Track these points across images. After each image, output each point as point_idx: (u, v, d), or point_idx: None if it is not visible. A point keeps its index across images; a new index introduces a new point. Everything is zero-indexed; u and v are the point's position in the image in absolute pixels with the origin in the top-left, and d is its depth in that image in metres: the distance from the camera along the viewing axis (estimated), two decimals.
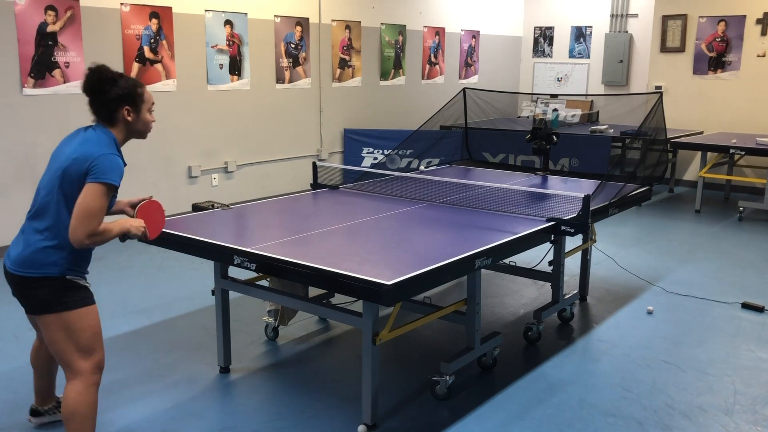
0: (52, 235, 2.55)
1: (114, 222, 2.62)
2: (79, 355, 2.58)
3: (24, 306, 2.65)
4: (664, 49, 9.20)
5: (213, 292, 3.63)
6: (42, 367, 3.00)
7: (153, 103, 2.75)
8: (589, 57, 10.72)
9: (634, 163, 4.98)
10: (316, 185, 4.62)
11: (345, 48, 8.41)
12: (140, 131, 2.72)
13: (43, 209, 2.58)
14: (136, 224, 2.68)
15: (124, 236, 2.66)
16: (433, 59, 9.77)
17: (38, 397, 3.06)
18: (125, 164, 2.64)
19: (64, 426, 2.59)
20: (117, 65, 6.17)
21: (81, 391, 2.57)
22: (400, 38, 9.16)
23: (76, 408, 2.56)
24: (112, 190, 2.53)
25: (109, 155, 2.53)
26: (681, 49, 9.08)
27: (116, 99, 2.60)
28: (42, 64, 5.69)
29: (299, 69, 7.85)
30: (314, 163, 4.66)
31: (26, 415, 3.09)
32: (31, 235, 2.58)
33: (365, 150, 8.52)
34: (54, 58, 5.75)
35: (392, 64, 9.11)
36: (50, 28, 5.70)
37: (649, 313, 4.60)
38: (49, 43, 5.71)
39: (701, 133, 8.68)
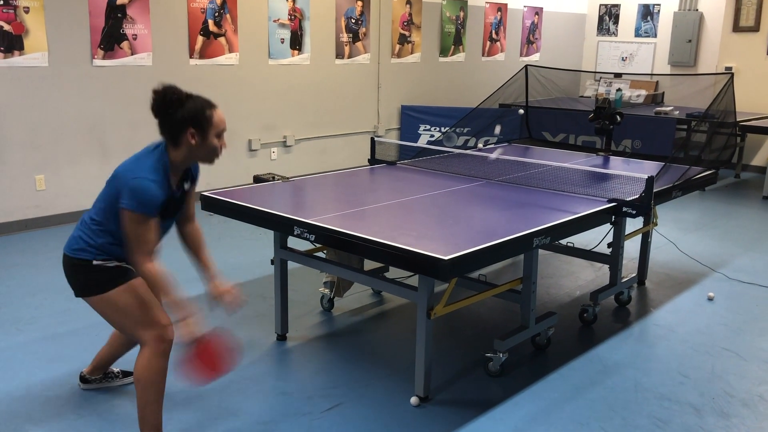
0: (92, 225, 2.59)
1: (182, 297, 2.49)
2: (139, 327, 2.62)
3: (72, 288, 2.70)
4: (737, 28, 8.84)
5: (272, 262, 3.71)
6: (116, 344, 3.10)
7: (224, 129, 2.55)
8: (655, 36, 10.39)
9: (699, 147, 4.84)
10: (373, 161, 4.65)
11: (405, 23, 8.37)
12: (204, 156, 2.56)
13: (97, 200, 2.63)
14: (186, 332, 2.47)
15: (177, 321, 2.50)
16: (494, 36, 9.63)
17: (92, 365, 3.17)
18: (174, 190, 2.57)
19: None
20: (182, 38, 6.31)
21: (149, 359, 2.61)
22: (461, 14, 9.06)
23: (143, 374, 2.61)
24: (141, 217, 2.41)
25: (139, 180, 2.41)
26: (755, 29, 8.70)
27: (181, 121, 2.46)
28: (111, 36, 5.86)
29: (359, 44, 7.86)
30: (372, 139, 4.68)
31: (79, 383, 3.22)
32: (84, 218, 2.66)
33: (422, 127, 8.50)
34: (122, 31, 5.91)
35: (452, 41, 9.03)
36: (119, 1, 5.86)
37: (710, 299, 4.49)
38: (118, 15, 5.87)
39: None
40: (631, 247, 5.03)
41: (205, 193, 3.62)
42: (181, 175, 2.64)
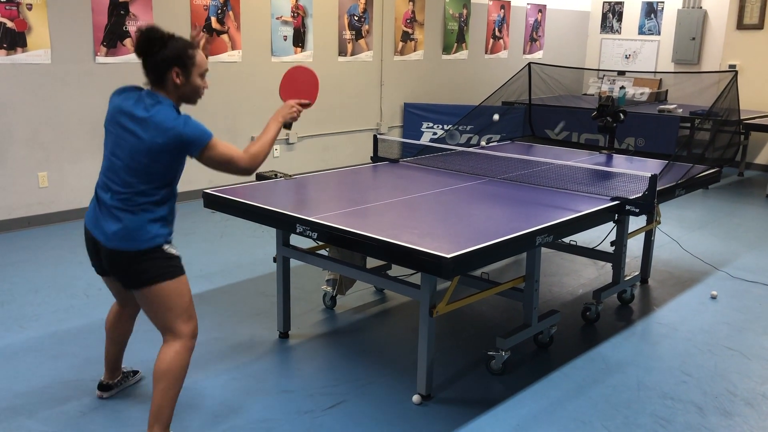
0: (141, 199, 2.53)
1: (267, 127, 2.81)
2: (180, 320, 2.60)
3: (124, 281, 2.62)
4: (741, 26, 8.81)
5: (275, 259, 3.71)
6: (118, 335, 3.01)
7: (206, 69, 2.61)
8: (659, 34, 10.36)
9: (702, 145, 4.82)
10: (376, 158, 4.64)
11: (408, 21, 8.35)
12: (188, 96, 2.60)
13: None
14: (286, 111, 2.87)
15: (287, 125, 2.80)
16: (497, 33, 9.61)
17: (108, 371, 3.07)
18: None
19: (153, 385, 2.62)
20: (185, 35, 6.29)
21: (179, 352, 2.58)
22: (465, 11, 9.05)
23: (171, 367, 2.57)
24: (215, 139, 2.60)
25: (184, 117, 2.52)
26: (759, 26, 8.67)
27: (165, 60, 2.50)
28: (114, 34, 5.86)
29: (361, 42, 7.85)
30: (375, 136, 4.68)
31: (95, 391, 3.10)
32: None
33: (425, 125, 8.49)
34: (125, 28, 5.91)
35: (455, 38, 9.02)
36: None
37: (713, 298, 4.48)
38: (121, 12, 5.87)
39: None
40: (634, 246, 5.02)
41: (207, 191, 3.62)
42: None
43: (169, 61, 2.51)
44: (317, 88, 2.80)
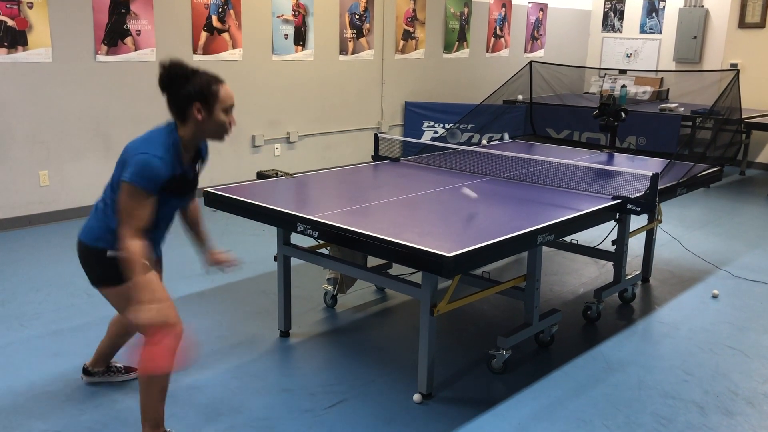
0: (106, 210, 2.59)
1: (149, 282, 2.44)
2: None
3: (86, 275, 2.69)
4: (743, 24, 8.80)
5: (275, 258, 3.71)
6: (114, 335, 3.10)
7: (232, 105, 2.55)
8: (660, 32, 10.34)
9: (704, 143, 4.82)
10: (377, 157, 4.64)
11: (409, 19, 8.35)
12: (213, 132, 2.54)
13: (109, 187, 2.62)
14: (146, 317, 2.40)
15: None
16: (498, 32, 9.60)
17: (94, 358, 3.18)
18: (186, 168, 2.56)
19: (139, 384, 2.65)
20: (186, 34, 6.31)
21: (151, 351, 2.57)
22: (466, 10, 9.04)
23: (145, 366, 2.58)
24: (140, 191, 2.41)
25: (145, 155, 2.41)
26: (761, 25, 8.66)
27: (186, 96, 2.46)
28: (115, 32, 5.85)
29: (362, 40, 7.85)
30: (376, 135, 4.67)
31: (91, 384, 3.19)
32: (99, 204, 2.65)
33: (426, 123, 8.48)
34: (126, 26, 5.91)
35: (456, 37, 9.01)
36: None
37: (714, 297, 4.48)
38: (122, 11, 5.86)
39: None
40: (636, 245, 5.02)
41: (208, 189, 3.62)
42: (192, 155, 2.63)
43: (191, 97, 2.47)
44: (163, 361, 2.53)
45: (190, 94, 2.46)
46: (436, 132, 8.33)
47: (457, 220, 3.22)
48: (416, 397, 3.12)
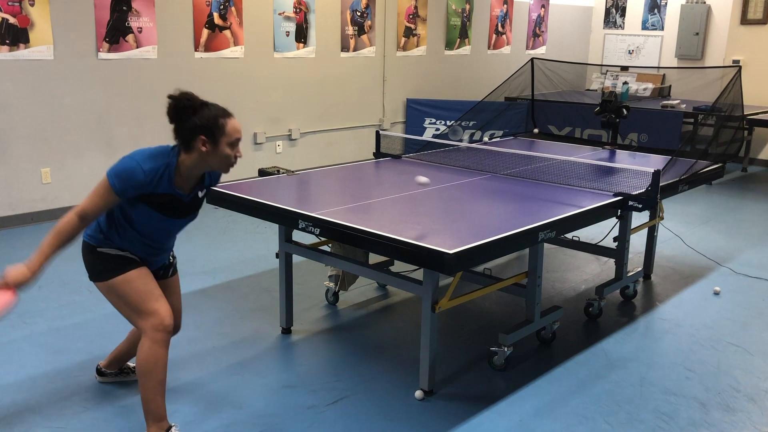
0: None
1: (39, 259, 2.46)
2: (136, 316, 2.65)
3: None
4: (745, 21, 8.78)
5: (277, 255, 3.72)
6: (133, 338, 3.09)
7: (239, 139, 2.57)
8: (662, 29, 10.33)
9: (706, 140, 4.81)
10: (379, 154, 4.64)
11: (411, 16, 8.34)
12: (216, 164, 2.58)
13: None
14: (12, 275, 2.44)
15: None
16: (500, 29, 9.59)
17: (108, 359, 3.18)
18: (181, 193, 2.58)
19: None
20: (187, 31, 6.31)
21: (145, 346, 2.63)
22: (467, 7, 9.02)
23: (141, 361, 2.63)
24: (107, 186, 2.47)
25: (131, 161, 2.48)
26: (763, 21, 8.65)
27: (192, 128, 2.49)
28: (116, 29, 5.86)
29: (364, 37, 7.84)
30: (377, 132, 4.67)
31: (97, 378, 3.23)
32: None
33: (427, 120, 8.48)
34: (128, 24, 5.91)
35: (458, 34, 9.00)
36: None
37: (716, 294, 4.48)
38: (124, 8, 5.86)
39: None
40: (637, 241, 5.01)
41: (210, 187, 3.61)
42: (195, 182, 2.65)
43: (197, 130, 2.49)
44: None
45: (196, 126, 2.49)
46: (437, 129, 8.32)
47: (458, 217, 3.22)
48: (418, 393, 3.13)
